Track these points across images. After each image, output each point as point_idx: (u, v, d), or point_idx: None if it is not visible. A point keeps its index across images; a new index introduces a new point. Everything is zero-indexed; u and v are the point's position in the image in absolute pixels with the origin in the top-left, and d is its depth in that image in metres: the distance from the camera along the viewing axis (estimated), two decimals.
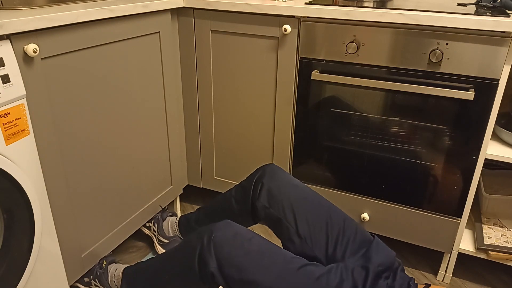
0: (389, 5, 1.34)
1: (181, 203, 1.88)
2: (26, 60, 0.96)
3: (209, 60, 1.53)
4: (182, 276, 0.98)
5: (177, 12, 1.50)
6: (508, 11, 1.27)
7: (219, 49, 1.50)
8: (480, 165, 1.28)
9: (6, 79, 0.91)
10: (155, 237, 1.53)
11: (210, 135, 1.66)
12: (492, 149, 1.31)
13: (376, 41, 1.27)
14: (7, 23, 0.89)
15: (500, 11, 1.23)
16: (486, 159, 1.29)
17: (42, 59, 1.00)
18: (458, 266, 1.54)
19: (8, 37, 0.92)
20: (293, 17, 1.35)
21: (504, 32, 1.14)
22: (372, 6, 1.30)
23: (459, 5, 1.39)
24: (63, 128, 1.11)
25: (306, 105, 1.44)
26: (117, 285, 1.24)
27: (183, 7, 1.48)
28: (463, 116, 1.24)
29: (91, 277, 1.29)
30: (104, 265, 1.29)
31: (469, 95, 1.20)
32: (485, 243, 1.37)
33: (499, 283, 1.48)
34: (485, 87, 1.20)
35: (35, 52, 0.95)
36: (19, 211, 1.00)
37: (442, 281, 1.48)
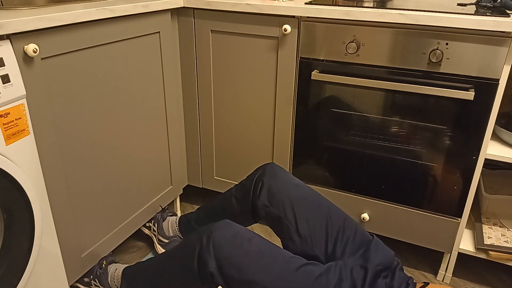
0: (389, 5, 1.34)
1: (181, 203, 1.88)
2: (26, 60, 0.96)
3: (209, 60, 1.53)
4: (181, 276, 0.98)
5: (177, 12, 1.50)
6: (508, 11, 1.26)
7: (219, 49, 1.50)
8: (480, 165, 1.28)
9: (6, 79, 0.91)
10: (155, 237, 1.53)
11: (210, 135, 1.66)
12: (492, 149, 1.31)
13: (376, 41, 1.27)
14: (7, 23, 0.89)
15: (500, 11, 1.23)
16: (486, 159, 1.29)
17: (42, 59, 1.00)
18: (458, 266, 1.54)
19: (8, 37, 0.92)
20: (293, 17, 1.35)
21: (504, 32, 1.14)
22: (372, 6, 1.30)
23: (459, 5, 1.39)
24: (63, 128, 1.11)
25: (306, 105, 1.44)
26: (117, 285, 1.24)
27: (183, 7, 1.48)
28: (463, 116, 1.24)
29: (91, 277, 1.29)
30: (104, 265, 1.29)
31: (469, 95, 1.20)
32: (485, 243, 1.37)
33: (499, 283, 1.48)
34: (485, 87, 1.20)
35: (35, 52, 0.96)
36: (19, 211, 1.00)
37: (442, 281, 1.48)
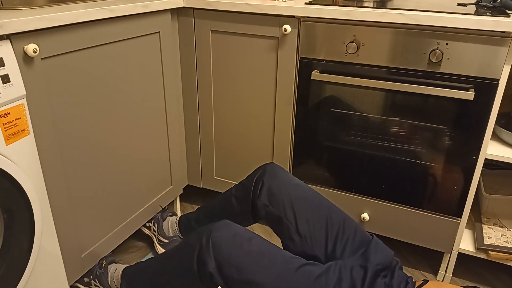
0: (389, 5, 1.34)
1: (181, 203, 1.88)
2: (26, 60, 0.96)
3: (209, 60, 1.53)
4: (181, 276, 0.98)
5: (177, 12, 1.50)
6: (508, 11, 1.26)
7: (219, 49, 1.50)
8: (480, 165, 1.28)
9: (6, 79, 0.91)
10: (155, 237, 1.53)
11: (210, 135, 1.66)
12: (492, 149, 1.31)
13: (376, 41, 1.27)
14: (7, 23, 0.89)
15: (500, 11, 1.23)
16: (486, 159, 1.29)
17: (42, 59, 1.00)
18: (458, 266, 1.54)
19: (8, 37, 0.92)
20: (293, 17, 1.35)
21: (504, 32, 1.14)
22: (372, 6, 1.30)
23: (459, 5, 1.39)
24: (63, 128, 1.11)
25: (306, 105, 1.44)
26: (117, 285, 1.24)
27: (183, 7, 1.48)
28: (463, 116, 1.24)
29: (91, 277, 1.29)
30: (104, 265, 1.29)
31: (469, 95, 1.20)
32: (485, 243, 1.37)
33: (499, 283, 1.48)
34: (485, 87, 1.20)
35: (35, 52, 0.96)
36: (19, 211, 1.00)
37: (442, 281, 1.48)
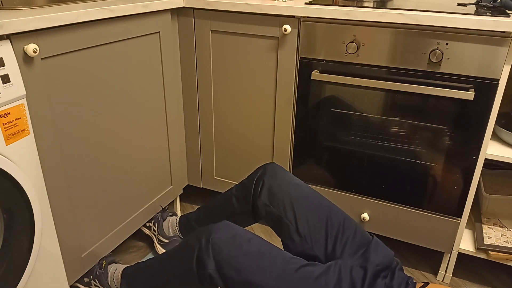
0: (389, 5, 1.34)
1: (181, 203, 1.88)
2: (26, 60, 0.96)
3: (209, 60, 1.53)
4: (181, 277, 0.98)
5: (177, 12, 1.50)
6: (508, 11, 1.26)
7: (219, 49, 1.50)
8: (480, 165, 1.28)
9: (6, 79, 0.91)
10: (155, 237, 1.53)
11: (210, 135, 1.66)
12: (492, 149, 1.31)
13: (376, 41, 1.27)
14: (7, 23, 0.89)
15: (500, 11, 1.23)
16: (486, 159, 1.29)
17: (42, 59, 1.00)
18: (458, 266, 1.54)
19: (8, 37, 0.92)
20: (293, 17, 1.35)
21: (504, 32, 1.14)
22: (372, 6, 1.30)
23: (459, 5, 1.39)
24: (63, 128, 1.11)
25: (306, 105, 1.44)
26: (117, 285, 1.24)
27: (183, 7, 1.48)
28: (463, 116, 1.24)
29: (91, 277, 1.29)
30: (103, 265, 1.29)
31: (469, 95, 1.20)
32: (485, 243, 1.37)
33: (499, 283, 1.48)
34: (485, 87, 1.20)
35: (35, 52, 0.96)
36: (19, 211, 1.00)
37: (442, 281, 1.48)
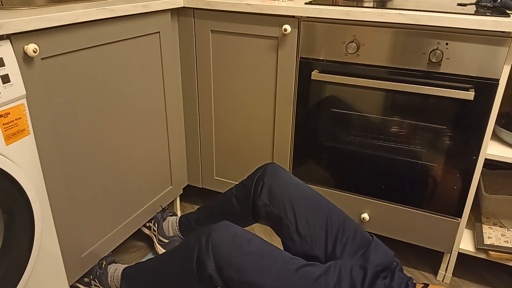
0: (389, 5, 1.34)
1: (181, 203, 1.88)
2: (26, 60, 0.96)
3: (209, 60, 1.53)
4: (180, 277, 0.98)
5: (177, 12, 1.50)
6: (508, 11, 1.26)
7: (219, 49, 1.50)
8: (480, 165, 1.28)
9: (6, 79, 0.91)
10: (155, 237, 1.53)
11: (210, 135, 1.66)
12: (492, 149, 1.31)
13: (376, 41, 1.27)
14: (7, 23, 0.89)
15: (500, 11, 1.23)
16: (486, 159, 1.29)
17: (42, 59, 1.00)
18: (458, 266, 1.54)
19: (8, 37, 0.92)
20: (293, 17, 1.35)
21: (504, 32, 1.14)
22: (372, 6, 1.30)
23: (459, 5, 1.39)
24: (63, 128, 1.11)
25: (306, 105, 1.44)
26: (117, 285, 1.24)
27: (183, 7, 1.48)
28: (463, 116, 1.24)
29: (91, 277, 1.29)
30: (103, 265, 1.29)
31: (469, 95, 1.20)
32: (485, 243, 1.37)
33: (499, 283, 1.48)
34: (485, 87, 1.20)
35: (35, 52, 0.95)
36: (19, 211, 1.00)
37: (442, 281, 1.48)
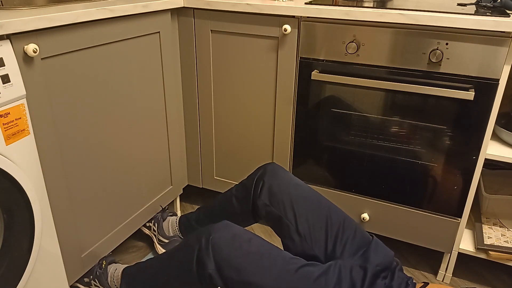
0: (389, 5, 1.34)
1: (181, 203, 1.88)
2: (26, 60, 0.96)
3: (209, 60, 1.53)
4: (180, 277, 0.98)
5: (177, 12, 1.50)
6: (508, 11, 1.26)
7: (219, 49, 1.50)
8: (480, 165, 1.28)
9: (6, 79, 0.91)
10: (155, 237, 1.53)
11: (210, 135, 1.66)
12: (492, 149, 1.31)
13: (376, 41, 1.27)
14: (7, 23, 0.89)
15: (500, 11, 1.23)
16: (486, 159, 1.29)
17: (42, 59, 1.00)
18: (458, 266, 1.54)
19: (8, 37, 0.92)
20: (293, 17, 1.35)
21: (504, 32, 1.14)
22: (372, 6, 1.30)
23: (459, 5, 1.39)
24: (63, 128, 1.11)
25: (306, 105, 1.44)
26: (117, 285, 1.24)
27: (183, 7, 1.48)
28: (463, 116, 1.24)
29: (91, 277, 1.29)
30: (103, 265, 1.29)
31: (469, 95, 1.20)
32: (485, 243, 1.37)
33: (499, 283, 1.48)
34: (485, 87, 1.20)
35: (35, 52, 0.95)
36: (19, 211, 1.00)
37: (442, 281, 1.48)
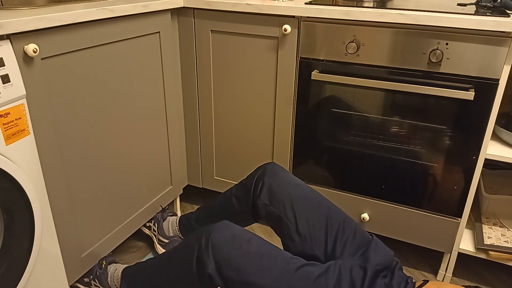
0: (389, 5, 1.34)
1: (181, 203, 1.88)
2: (26, 60, 0.96)
3: (209, 60, 1.53)
4: (180, 277, 0.98)
5: (177, 12, 1.50)
6: (508, 11, 1.26)
7: (219, 49, 1.50)
8: (480, 165, 1.28)
9: (6, 79, 0.91)
10: (155, 237, 1.53)
11: (210, 135, 1.66)
12: (492, 149, 1.31)
13: (376, 41, 1.27)
14: (7, 23, 0.89)
15: (500, 11, 1.23)
16: (486, 159, 1.29)
17: (42, 59, 1.00)
18: (458, 266, 1.54)
19: (8, 37, 0.92)
20: (293, 17, 1.35)
21: (504, 32, 1.14)
22: (372, 6, 1.30)
23: (459, 5, 1.39)
24: (63, 128, 1.11)
25: (306, 105, 1.44)
26: (117, 285, 1.24)
27: (183, 7, 1.48)
28: (463, 116, 1.24)
29: (91, 277, 1.29)
30: (103, 265, 1.29)
31: (469, 95, 1.20)
32: (485, 243, 1.37)
33: (499, 283, 1.48)
34: (485, 87, 1.20)
35: (35, 52, 0.96)
36: (19, 211, 1.00)
37: (442, 281, 1.48)
